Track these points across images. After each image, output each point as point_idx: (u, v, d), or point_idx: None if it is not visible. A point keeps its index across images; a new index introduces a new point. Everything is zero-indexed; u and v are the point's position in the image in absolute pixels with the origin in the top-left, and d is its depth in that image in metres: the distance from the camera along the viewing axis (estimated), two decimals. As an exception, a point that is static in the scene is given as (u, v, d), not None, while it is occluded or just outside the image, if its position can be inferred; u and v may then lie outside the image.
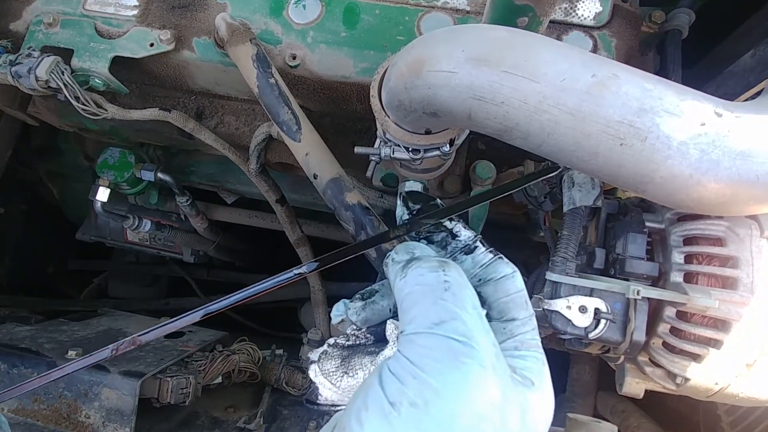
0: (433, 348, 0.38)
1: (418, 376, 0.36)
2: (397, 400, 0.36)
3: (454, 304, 0.40)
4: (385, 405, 0.36)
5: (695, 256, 0.81)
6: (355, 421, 0.37)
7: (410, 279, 0.43)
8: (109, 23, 1.18)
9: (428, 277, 0.42)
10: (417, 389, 0.36)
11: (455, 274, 0.43)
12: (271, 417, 1.29)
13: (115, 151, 1.61)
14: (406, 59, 0.72)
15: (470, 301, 0.41)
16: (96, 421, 1.07)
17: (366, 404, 0.37)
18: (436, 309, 0.40)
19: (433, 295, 0.41)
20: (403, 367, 0.37)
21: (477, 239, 0.52)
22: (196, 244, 1.96)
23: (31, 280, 2.13)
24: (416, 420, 0.35)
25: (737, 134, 0.60)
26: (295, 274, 0.54)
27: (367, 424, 0.36)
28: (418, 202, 0.56)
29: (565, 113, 0.61)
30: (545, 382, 0.43)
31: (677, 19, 1.14)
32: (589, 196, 0.90)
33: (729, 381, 0.78)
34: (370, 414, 0.36)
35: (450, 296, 0.40)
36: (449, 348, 0.37)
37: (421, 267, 0.44)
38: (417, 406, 0.35)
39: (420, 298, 0.41)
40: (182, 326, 0.55)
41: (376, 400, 0.37)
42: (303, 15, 1.15)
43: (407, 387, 0.36)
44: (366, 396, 0.38)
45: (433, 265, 0.44)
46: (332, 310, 0.55)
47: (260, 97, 1.06)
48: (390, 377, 0.37)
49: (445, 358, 0.37)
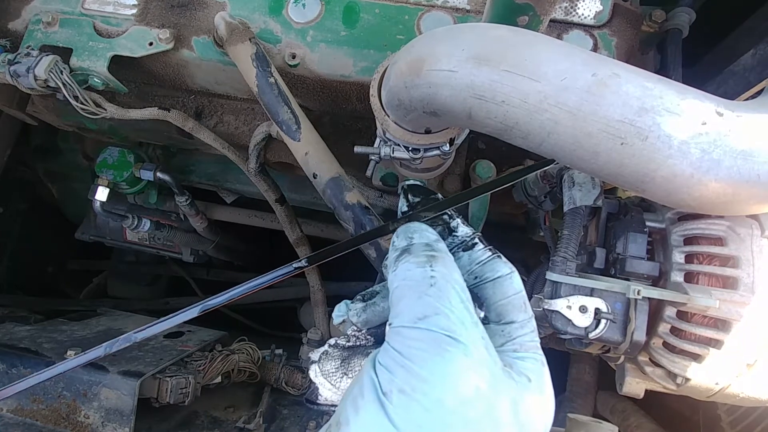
0: (418, 339, 0.40)
1: (405, 365, 0.39)
2: (388, 389, 0.38)
3: (438, 299, 0.41)
4: (379, 393, 0.38)
5: (696, 255, 0.81)
6: (351, 408, 0.39)
7: (399, 273, 0.45)
8: (108, 22, 1.17)
9: (414, 272, 0.44)
10: (405, 378, 0.38)
11: (442, 269, 0.44)
12: (271, 417, 1.29)
13: (114, 150, 1.61)
14: (406, 58, 0.71)
15: (456, 295, 0.42)
16: (95, 421, 1.07)
17: (362, 392, 0.39)
18: (420, 304, 0.42)
19: (419, 290, 0.43)
20: (391, 358, 0.40)
21: (476, 236, 0.52)
22: (195, 243, 1.96)
23: (30, 279, 2.13)
24: (405, 406, 0.37)
25: (738, 133, 0.60)
26: (295, 267, 0.54)
27: (363, 410, 0.38)
28: (418, 195, 0.56)
29: (566, 112, 0.61)
30: (544, 382, 0.44)
31: (677, 18, 1.14)
32: (590, 196, 0.90)
33: (729, 381, 0.78)
34: (365, 401, 0.39)
35: (434, 291, 0.42)
36: (433, 339, 0.39)
37: (409, 262, 0.45)
38: (405, 392, 0.38)
39: (406, 293, 0.43)
40: (181, 322, 0.54)
41: (370, 388, 0.39)
42: (302, 14, 1.15)
43: (396, 376, 0.38)
44: (362, 385, 0.40)
45: (421, 260, 0.45)
46: (334, 311, 0.55)
47: (260, 96, 1.05)
48: (380, 368, 0.40)
49: (430, 348, 0.39)
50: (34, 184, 2.04)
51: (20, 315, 1.51)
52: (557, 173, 1.00)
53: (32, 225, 2.09)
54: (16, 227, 2.03)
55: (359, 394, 0.39)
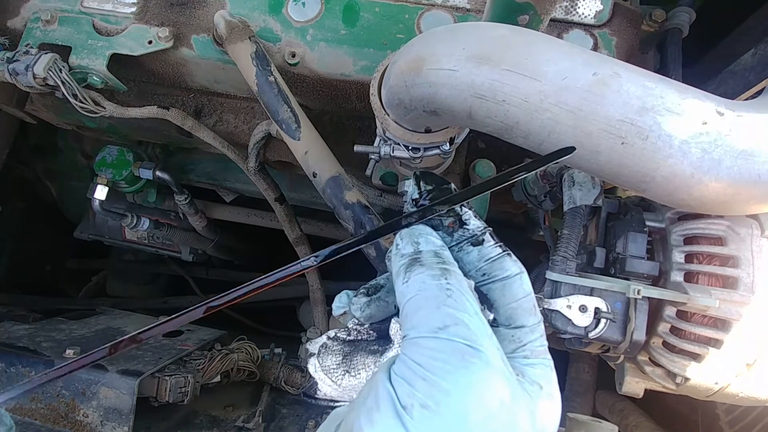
0: (439, 350, 0.38)
1: (427, 377, 0.37)
2: (408, 403, 0.36)
3: (457, 309, 0.40)
4: (398, 407, 0.36)
5: (696, 255, 0.81)
6: (366, 420, 0.37)
7: (413, 284, 0.44)
8: (107, 20, 1.17)
9: (430, 284, 0.43)
10: (427, 391, 0.36)
11: (456, 282, 0.43)
12: (270, 416, 1.29)
13: (113, 149, 1.61)
14: (406, 57, 0.71)
15: (472, 307, 0.41)
16: (94, 420, 1.07)
17: (378, 405, 0.37)
18: (440, 314, 0.40)
19: (436, 301, 0.41)
20: (410, 369, 0.38)
21: (486, 231, 0.50)
22: (194, 242, 1.96)
23: (29, 278, 2.13)
24: (428, 421, 0.35)
25: (739, 133, 0.60)
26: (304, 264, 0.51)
27: (379, 424, 0.36)
28: (430, 183, 0.53)
29: (566, 112, 0.61)
30: (553, 386, 0.43)
31: (677, 17, 1.14)
32: (590, 195, 0.90)
33: (729, 380, 0.78)
34: (382, 414, 0.37)
35: (453, 302, 0.41)
36: (455, 350, 0.38)
37: (424, 274, 0.44)
38: (428, 407, 0.36)
39: (423, 304, 0.42)
40: (185, 322, 0.54)
41: (387, 401, 0.37)
42: (302, 13, 1.15)
43: (416, 389, 0.36)
44: (377, 397, 0.38)
45: (435, 273, 0.44)
46: (334, 301, 0.53)
47: (259, 95, 1.05)
48: (397, 380, 0.38)
49: (453, 359, 0.37)
50: (32, 182, 2.04)
51: (19, 314, 1.50)
52: (557, 173, 1.00)
53: (31, 224, 2.09)
54: (14, 226, 2.03)
55: (375, 407, 0.37)
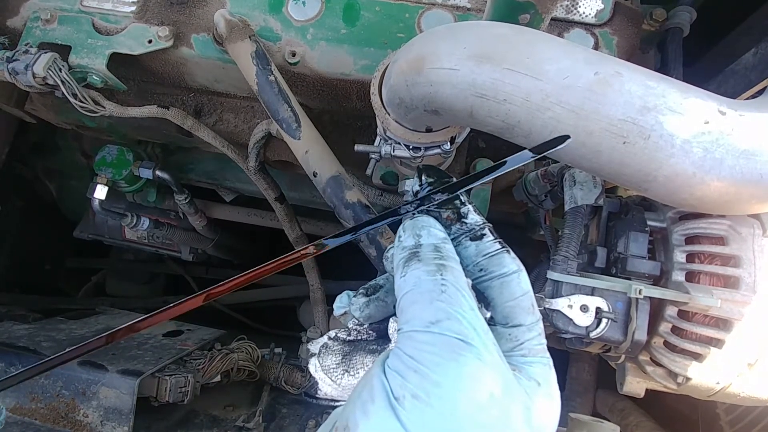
0: (431, 343, 0.39)
1: (419, 369, 0.38)
2: (400, 394, 0.37)
3: (450, 305, 0.41)
4: (391, 398, 0.38)
5: (697, 255, 0.81)
6: (360, 412, 0.38)
7: (409, 279, 0.45)
8: (106, 20, 1.17)
9: (425, 280, 0.44)
10: (418, 382, 0.37)
11: (451, 278, 0.44)
12: (270, 415, 1.29)
13: (113, 148, 1.60)
14: (407, 56, 0.71)
15: (467, 303, 0.42)
16: (94, 419, 1.07)
17: (372, 397, 0.39)
18: (433, 309, 0.41)
19: (430, 296, 0.42)
20: (403, 362, 0.39)
21: (485, 226, 0.50)
22: (194, 242, 1.95)
23: (28, 277, 2.12)
24: (419, 412, 0.37)
25: (741, 133, 0.60)
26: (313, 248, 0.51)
27: (373, 415, 0.38)
28: (432, 176, 0.53)
29: (568, 111, 0.61)
30: (551, 385, 0.44)
31: (678, 17, 1.14)
32: (591, 195, 0.89)
33: (730, 380, 0.78)
34: (376, 406, 0.38)
35: (447, 297, 0.42)
36: (447, 343, 0.39)
37: (420, 270, 0.45)
38: (419, 398, 0.37)
39: (417, 298, 0.43)
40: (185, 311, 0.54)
41: (381, 393, 0.38)
42: (302, 12, 1.15)
43: (408, 381, 0.38)
44: (372, 389, 0.39)
45: (431, 269, 0.45)
46: (335, 302, 0.54)
47: (259, 94, 1.05)
48: (391, 372, 0.39)
49: (444, 352, 0.38)
50: (32, 182, 2.03)
51: (18, 313, 1.50)
52: (558, 172, 0.99)
53: (30, 223, 2.08)
54: (14, 225, 2.03)
55: (369, 399, 0.39)
